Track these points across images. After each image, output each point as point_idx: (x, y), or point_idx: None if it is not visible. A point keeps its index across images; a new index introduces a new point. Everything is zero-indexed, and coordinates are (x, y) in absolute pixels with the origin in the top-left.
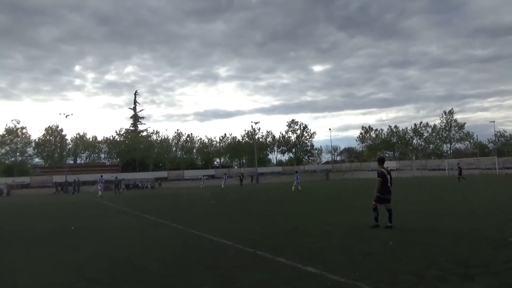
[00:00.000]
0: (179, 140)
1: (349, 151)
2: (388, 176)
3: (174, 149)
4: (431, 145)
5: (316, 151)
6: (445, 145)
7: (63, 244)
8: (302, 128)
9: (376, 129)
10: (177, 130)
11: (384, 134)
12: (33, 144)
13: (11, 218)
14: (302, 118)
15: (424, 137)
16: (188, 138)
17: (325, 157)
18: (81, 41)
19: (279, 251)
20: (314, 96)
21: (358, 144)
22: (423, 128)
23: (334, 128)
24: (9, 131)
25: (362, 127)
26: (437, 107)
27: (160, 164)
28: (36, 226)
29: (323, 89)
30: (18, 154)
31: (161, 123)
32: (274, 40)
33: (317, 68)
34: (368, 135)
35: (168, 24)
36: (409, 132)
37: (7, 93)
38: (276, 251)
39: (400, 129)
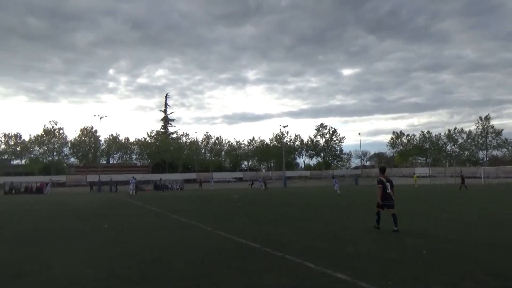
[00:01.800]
0: (208, 143)
1: (379, 156)
2: (388, 183)
3: (203, 151)
4: (466, 152)
5: (345, 155)
6: (481, 152)
7: (95, 242)
8: (331, 132)
9: (408, 134)
10: (206, 132)
11: (416, 139)
12: (69, 144)
13: (49, 215)
14: (331, 122)
15: (458, 143)
16: (216, 141)
17: (354, 162)
18: (115, 45)
19: (308, 255)
20: (343, 100)
21: (389, 149)
22: (458, 134)
23: (363, 132)
24: (47, 131)
25: (393, 132)
26: (472, 112)
27: (189, 166)
28: (70, 224)
29: (352, 93)
30: (55, 153)
31: (190, 126)
32: (302, 44)
33: (346, 71)
34: (399, 140)
35: (198, 28)
36: (443, 138)
37: (45, 95)
38: (305, 256)
39: (433, 134)
